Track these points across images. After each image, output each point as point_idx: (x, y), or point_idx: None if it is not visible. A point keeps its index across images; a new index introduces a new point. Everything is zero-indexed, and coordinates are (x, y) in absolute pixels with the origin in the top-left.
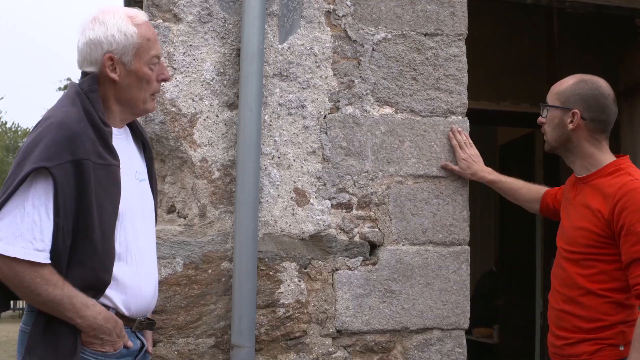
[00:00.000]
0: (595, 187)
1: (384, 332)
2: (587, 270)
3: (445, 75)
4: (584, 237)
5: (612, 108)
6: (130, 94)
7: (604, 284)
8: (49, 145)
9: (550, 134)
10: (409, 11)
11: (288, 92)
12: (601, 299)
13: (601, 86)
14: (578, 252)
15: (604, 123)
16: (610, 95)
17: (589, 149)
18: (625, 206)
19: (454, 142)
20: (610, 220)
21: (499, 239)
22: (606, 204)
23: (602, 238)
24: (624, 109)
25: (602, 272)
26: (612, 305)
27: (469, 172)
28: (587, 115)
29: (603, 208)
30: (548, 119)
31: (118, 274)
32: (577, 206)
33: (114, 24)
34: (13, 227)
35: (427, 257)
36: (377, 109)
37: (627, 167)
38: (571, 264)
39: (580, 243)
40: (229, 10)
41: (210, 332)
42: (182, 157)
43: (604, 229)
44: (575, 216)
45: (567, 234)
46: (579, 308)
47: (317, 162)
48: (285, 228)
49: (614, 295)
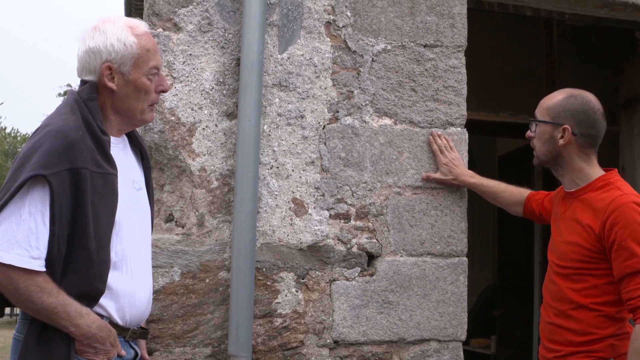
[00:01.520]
0: (585, 202)
1: (381, 343)
2: (579, 285)
3: (444, 86)
4: (574, 252)
5: (601, 123)
6: (128, 104)
7: (596, 298)
8: (46, 153)
9: (539, 148)
10: (408, 22)
11: (287, 102)
12: (593, 312)
13: (590, 101)
14: (569, 267)
15: (594, 138)
16: (600, 110)
17: (579, 163)
18: (616, 221)
19: (434, 146)
20: (601, 235)
21: (497, 251)
22: (596, 219)
23: (592, 253)
24: (624, 121)
25: (593, 286)
26: (603, 318)
27: (450, 177)
28: (577, 130)
29: (593, 223)
30: (537, 133)
31: (113, 283)
32: (567, 221)
33: (113, 33)
34: (9, 234)
35: (425, 269)
36: (376, 120)
37: (616, 182)
38: (562, 278)
39: (571, 258)
40: (229, 19)
41: (207, 342)
42: (180, 166)
43: (594, 243)
44: (566, 231)
45: (558, 249)
46: (571, 321)
47: (315, 173)
48: (283, 238)
49: (605, 308)
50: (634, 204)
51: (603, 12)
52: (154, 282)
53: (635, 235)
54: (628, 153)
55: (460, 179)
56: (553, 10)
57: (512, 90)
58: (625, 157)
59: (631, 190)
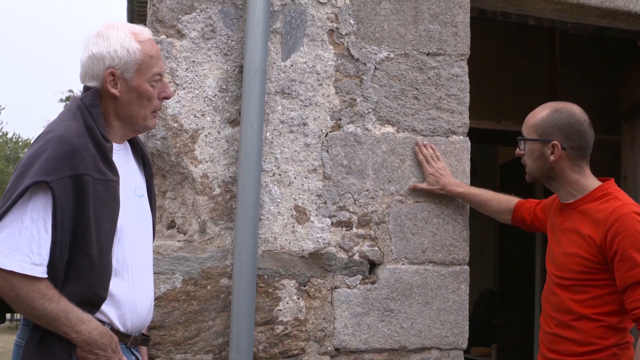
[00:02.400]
0: (584, 213)
1: (382, 351)
2: (580, 296)
3: (447, 95)
4: (575, 263)
5: (589, 133)
6: (131, 110)
7: (598, 308)
8: (49, 160)
9: (531, 166)
10: (411, 30)
11: (290, 109)
12: (595, 323)
13: (576, 113)
14: (569, 278)
15: (583, 149)
16: (586, 121)
17: (573, 176)
18: (617, 232)
19: (420, 157)
20: (603, 246)
21: (499, 259)
22: (597, 230)
23: (593, 264)
24: (625, 131)
25: (595, 297)
26: (605, 329)
27: (437, 187)
28: (567, 144)
29: (594, 234)
30: (527, 151)
31: (114, 290)
32: (567, 232)
33: (117, 39)
34: (11, 241)
35: (427, 277)
36: (379, 128)
37: (614, 192)
38: (563, 289)
39: (572, 269)
40: (232, 27)
41: (208, 349)
42: (183, 173)
43: (595, 254)
44: (566, 242)
45: (558, 260)
46: (572, 332)
47: (317, 180)
48: (285, 245)
49: (607, 319)
50: (635, 213)
51: (606, 21)
52: (156, 288)
53: (637, 245)
54: (630, 162)
55: (447, 188)
56: (556, 20)
57: (514, 98)
58: (627, 167)
59: (630, 200)
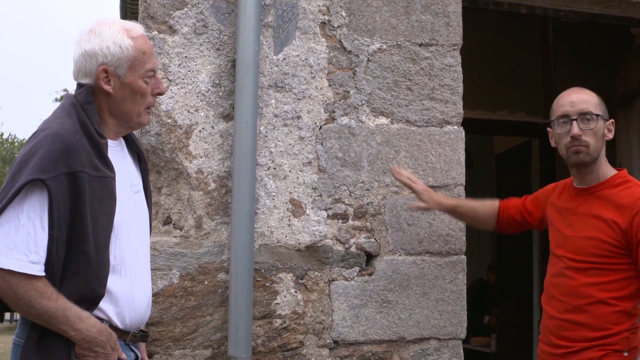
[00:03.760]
0: (603, 198)
1: (381, 342)
2: (597, 279)
3: (440, 85)
4: (595, 246)
5: None
6: (124, 107)
7: (613, 292)
8: (44, 157)
9: (595, 145)
10: (403, 21)
11: (283, 103)
12: (610, 307)
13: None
14: (587, 262)
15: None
16: None
17: (604, 158)
18: None
19: (405, 178)
20: (628, 231)
21: (496, 248)
22: (622, 215)
23: (615, 248)
24: (620, 118)
25: (612, 281)
26: (620, 314)
27: (433, 205)
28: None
29: (619, 219)
30: (596, 130)
31: (112, 287)
32: (583, 216)
33: (109, 36)
34: (7, 239)
35: (424, 267)
36: (373, 120)
37: (633, 179)
38: (578, 272)
39: (590, 252)
40: (224, 21)
41: (207, 344)
42: (177, 169)
43: (618, 239)
44: (583, 226)
45: (574, 244)
46: (586, 316)
47: (313, 173)
48: (282, 239)
49: (622, 303)
50: None
51: (598, 8)
52: (153, 284)
53: None
54: (625, 150)
55: (443, 202)
56: (548, 8)
57: (508, 88)
58: (622, 154)
59: None
